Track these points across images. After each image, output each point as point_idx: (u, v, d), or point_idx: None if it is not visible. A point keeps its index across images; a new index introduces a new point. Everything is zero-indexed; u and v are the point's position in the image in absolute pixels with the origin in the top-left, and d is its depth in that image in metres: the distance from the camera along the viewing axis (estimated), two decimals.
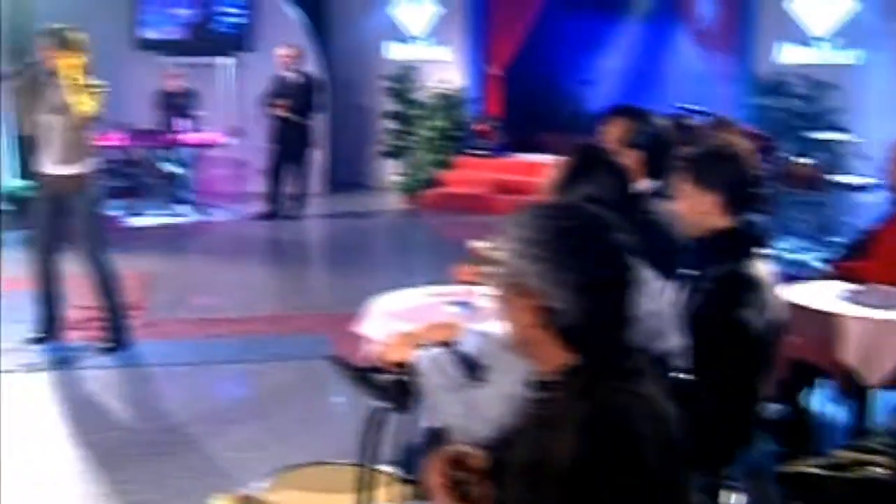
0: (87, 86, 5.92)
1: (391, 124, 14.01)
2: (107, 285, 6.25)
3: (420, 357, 2.71)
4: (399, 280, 5.55)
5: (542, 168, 3.86)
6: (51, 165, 6.10)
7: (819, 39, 11.45)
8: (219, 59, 13.43)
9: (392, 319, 3.85)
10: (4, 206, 10.34)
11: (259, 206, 11.86)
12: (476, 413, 2.51)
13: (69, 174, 6.07)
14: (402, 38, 14.22)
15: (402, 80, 13.98)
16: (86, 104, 5.87)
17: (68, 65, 5.81)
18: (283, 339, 6.76)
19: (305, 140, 11.78)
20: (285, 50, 11.80)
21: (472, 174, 13.20)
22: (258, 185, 12.51)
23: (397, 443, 2.95)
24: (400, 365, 2.71)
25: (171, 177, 11.82)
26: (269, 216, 11.68)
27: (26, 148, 7.83)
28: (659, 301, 2.97)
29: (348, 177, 14.23)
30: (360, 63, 14.14)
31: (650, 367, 1.99)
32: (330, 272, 8.97)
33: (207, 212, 11.78)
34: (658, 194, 3.97)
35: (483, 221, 7.09)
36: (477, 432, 2.42)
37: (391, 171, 14.20)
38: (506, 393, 2.38)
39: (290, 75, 11.65)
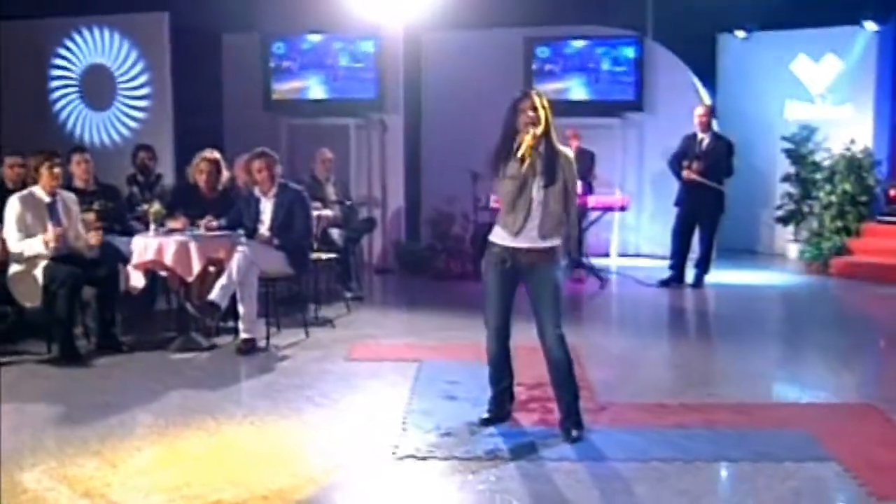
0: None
1: (789, 188, 12.56)
2: (569, 359, 5.18)
3: None
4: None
5: None
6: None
7: None
8: (610, 120, 12.50)
9: None
10: None
11: (661, 274, 10.55)
12: None
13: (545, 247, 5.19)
14: (802, 95, 12.74)
15: (802, 141, 12.51)
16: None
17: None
18: (759, 433, 5.19)
19: (718, 205, 10.25)
20: (702, 109, 10.33)
21: (884, 243, 11.33)
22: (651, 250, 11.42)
23: None
24: None
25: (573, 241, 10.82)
26: (673, 283, 10.48)
27: None
28: None
29: (739, 242, 12.85)
30: (755, 123, 12.74)
31: None
32: (762, 351, 7.54)
33: (604, 275, 10.72)
34: None
35: None
36: None
37: (788, 238, 12.74)
38: None
39: (703, 136, 10.36)
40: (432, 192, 11.82)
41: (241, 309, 7.48)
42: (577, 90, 12.29)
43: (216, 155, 8.35)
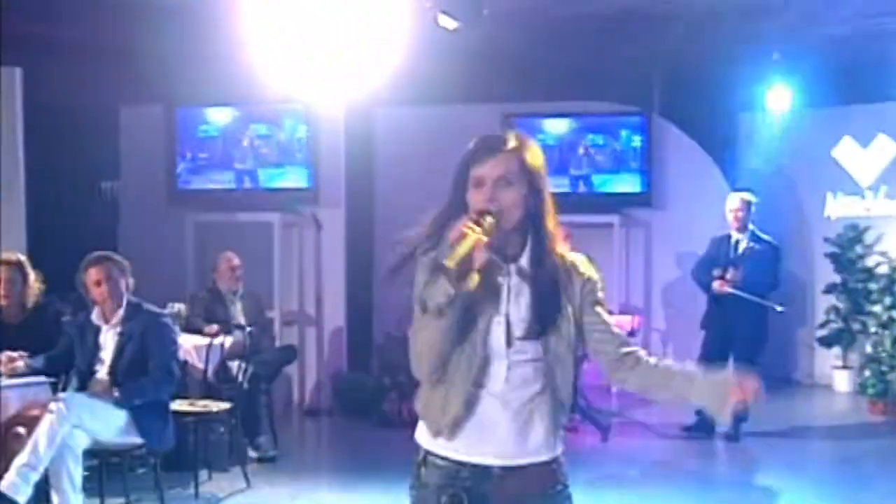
0: None
1: (834, 301, 9.99)
2: None
3: None
4: None
5: None
6: None
7: None
8: (608, 218, 9.90)
9: None
10: None
11: (684, 417, 7.83)
12: None
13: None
14: (848, 187, 10.26)
15: (849, 243, 10.00)
16: None
17: None
18: None
19: (759, 327, 7.62)
20: (737, 202, 7.72)
21: None
22: None
23: None
24: None
25: None
26: (700, 431, 7.75)
27: None
28: None
29: (770, 368, 10.14)
30: (789, 221, 10.17)
31: None
32: None
33: (605, 421, 7.96)
34: None
35: None
36: None
37: (834, 364, 10.10)
38: None
39: (740, 237, 7.69)
40: (386, 310, 8.97)
41: (55, 501, 4.76)
42: (566, 179, 9.70)
43: (17, 256, 5.68)
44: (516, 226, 2.51)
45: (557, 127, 9.92)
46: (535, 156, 2.55)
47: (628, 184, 9.83)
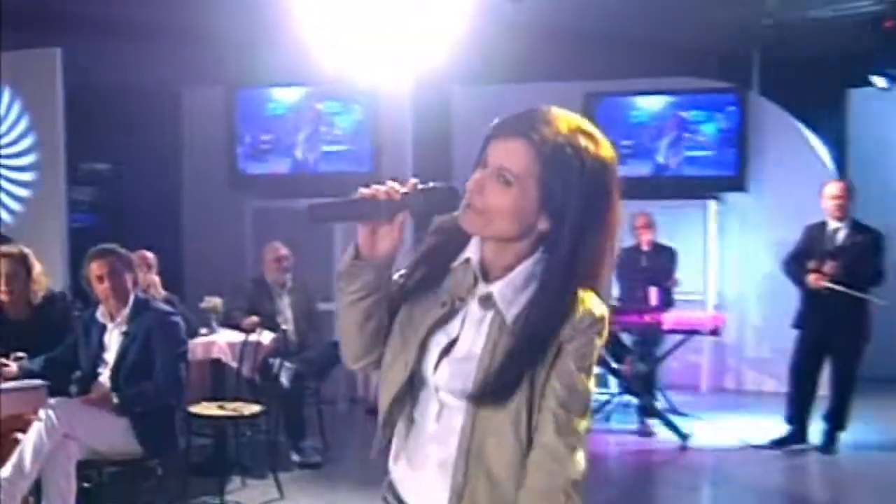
0: None
1: None
2: None
3: None
4: None
5: None
6: None
7: None
8: (699, 204, 9.11)
9: None
10: None
11: (771, 427, 7.09)
12: None
13: None
14: None
15: None
16: None
17: None
18: None
19: (861, 326, 6.73)
20: (836, 188, 6.88)
21: None
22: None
23: None
24: None
25: (638, 377, 7.46)
26: (791, 443, 6.97)
27: None
28: None
29: (880, 369, 9.18)
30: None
31: None
32: None
33: (682, 431, 7.23)
34: None
35: None
36: None
37: None
38: None
39: (838, 225, 6.89)
40: None
41: None
42: (652, 162, 8.94)
43: (19, 248, 5.28)
44: (510, 240, 1.82)
45: (642, 105, 9.14)
46: (568, 155, 1.76)
47: (721, 166, 8.99)
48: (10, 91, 7.32)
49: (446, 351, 1.84)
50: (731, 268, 9.20)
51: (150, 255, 6.33)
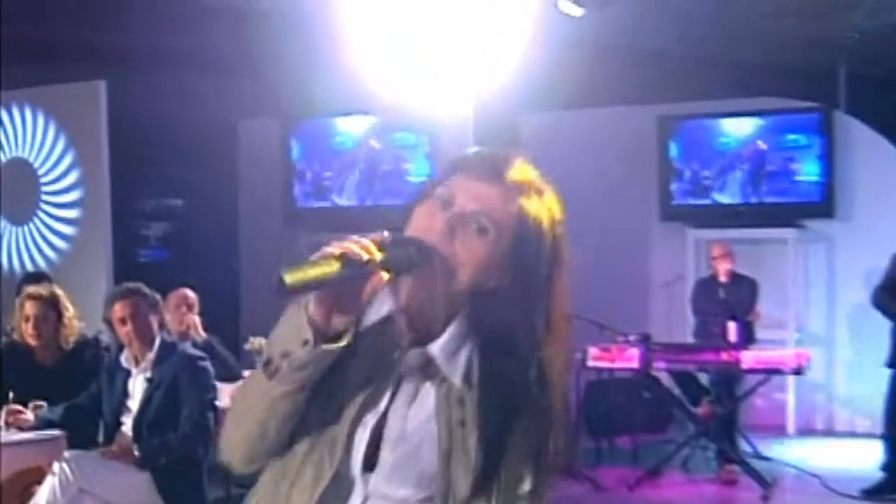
0: None
1: None
2: None
3: None
4: None
5: None
6: None
7: None
8: (782, 232, 8.58)
9: None
10: None
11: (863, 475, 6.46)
12: None
13: None
14: None
15: None
16: None
17: None
18: None
19: None
20: None
21: None
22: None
23: None
24: None
25: (716, 419, 6.91)
26: (886, 493, 6.34)
27: None
28: None
29: None
30: None
31: None
32: None
33: (765, 479, 6.64)
34: None
35: None
36: None
37: None
38: None
39: None
40: None
41: None
42: (730, 189, 8.45)
43: (51, 290, 5.00)
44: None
45: (723, 128, 8.70)
46: (542, 211, 1.53)
47: (806, 192, 8.45)
48: (55, 125, 7.14)
49: (375, 438, 1.43)
50: (818, 300, 8.63)
51: (191, 294, 6.02)
